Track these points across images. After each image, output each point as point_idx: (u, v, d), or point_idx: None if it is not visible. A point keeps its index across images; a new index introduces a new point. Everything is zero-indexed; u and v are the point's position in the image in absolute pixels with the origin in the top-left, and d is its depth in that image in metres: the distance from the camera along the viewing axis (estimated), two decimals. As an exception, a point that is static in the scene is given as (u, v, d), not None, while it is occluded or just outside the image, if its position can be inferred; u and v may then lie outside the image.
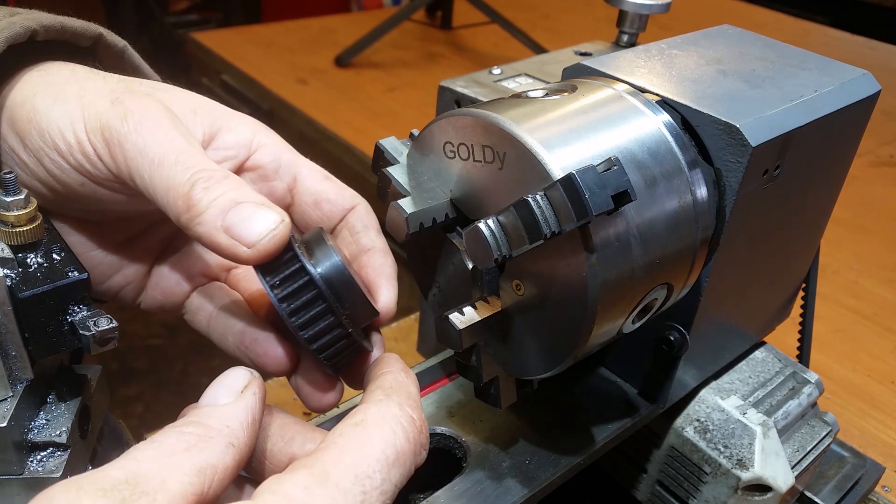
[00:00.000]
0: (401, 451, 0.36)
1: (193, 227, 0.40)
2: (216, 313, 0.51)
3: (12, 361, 0.39)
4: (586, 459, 0.55)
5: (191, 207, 0.39)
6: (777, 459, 0.60)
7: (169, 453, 0.32)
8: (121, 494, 0.29)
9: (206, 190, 0.40)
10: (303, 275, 0.40)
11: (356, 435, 0.35)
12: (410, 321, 1.05)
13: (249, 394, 0.36)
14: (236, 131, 0.47)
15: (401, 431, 0.36)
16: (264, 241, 0.39)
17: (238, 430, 0.34)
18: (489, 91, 0.69)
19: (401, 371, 0.42)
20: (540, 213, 0.38)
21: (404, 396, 0.39)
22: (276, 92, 1.73)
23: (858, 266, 1.24)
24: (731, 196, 0.49)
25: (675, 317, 0.55)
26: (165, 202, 0.40)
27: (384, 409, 0.37)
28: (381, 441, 0.35)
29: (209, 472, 0.32)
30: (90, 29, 0.49)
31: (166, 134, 0.41)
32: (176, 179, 0.40)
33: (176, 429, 0.33)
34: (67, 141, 0.42)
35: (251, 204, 0.40)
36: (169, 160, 0.40)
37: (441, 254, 0.50)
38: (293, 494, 0.31)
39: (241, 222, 0.39)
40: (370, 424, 0.36)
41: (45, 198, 0.46)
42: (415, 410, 0.38)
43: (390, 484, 0.35)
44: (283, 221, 0.40)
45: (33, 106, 0.43)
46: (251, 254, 0.39)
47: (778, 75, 0.55)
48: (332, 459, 0.34)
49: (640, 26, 0.76)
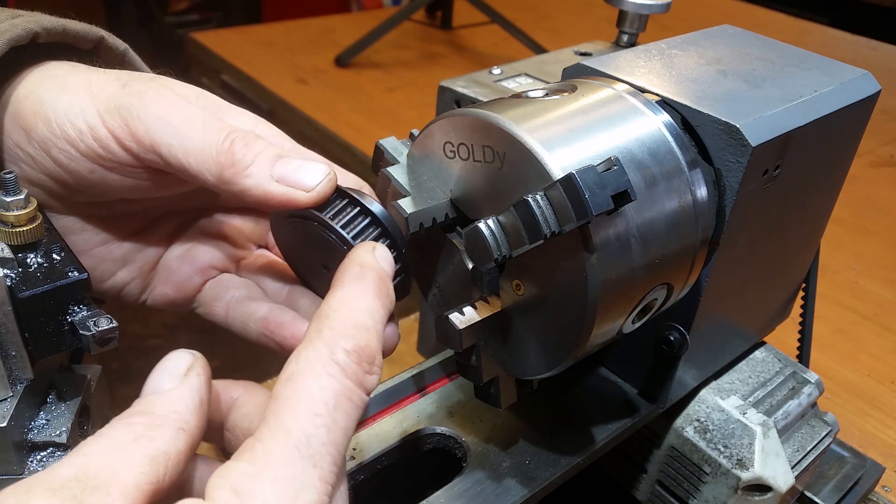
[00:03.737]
0: (341, 391, 0.34)
1: (240, 181, 0.41)
2: (235, 303, 0.51)
3: (12, 361, 0.39)
4: (586, 459, 0.55)
5: (235, 162, 0.41)
6: (777, 459, 0.60)
7: (117, 445, 0.31)
8: (71, 492, 0.28)
9: (247, 146, 0.42)
10: (366, 215, 0.43)
11: (289, 394, 0.33)
12: (410, 321, 1.05)
13: (193, 375, 0.35)
14: (239, 120, 0.47)
15: (335, 371, 0.34)
16: (323, 184, 0.42)
17: (186, 413, 0.33)
18: (489, 91, 0.69)
19: (349, 282, 0.38)
20: (540, 213, 0.38)
21: (339, 325, 0.36)
22: (276, 92, 1.73)
23: (858, 266, 1.24)
24: (731, 196, 0.49)
25: (675, 317, 0.55)
26: (200, 162, 0.42)
27: (313, 352, 0.35)
28: (319, 390, 0.33)
29: (161, 460, 0.31)
30: (91, 32, 0.49)
31: (184, 106, 0.43)
32: (212, 139, 0.42)
33: (122, 420, 0.32)
34: (78, 128, 0.43)
35: (295, 158, 0.42)
36: (197, 125, 0.42)
37: (441, 254, 0.50)
38: (240, 487, 0.30)
39: (294, 171, 0.42)
40: (301, 376, 0.34)
41: (51, 190, 0.46)
42: (350, 338, 0.35)
43: (339, 431, 0.33)
44: (332, 170, 0.43)
45: (38, 98, 0.44)
46: (310, 196, 0.42)
47: (778, 75, 0.55)
48: (270, 433, 0.32)
49: (640, 26, 0.76)
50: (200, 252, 0.53)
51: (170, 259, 0.53)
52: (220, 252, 0.54)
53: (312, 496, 0.31)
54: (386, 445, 0.55)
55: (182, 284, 0.53)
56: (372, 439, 0.56)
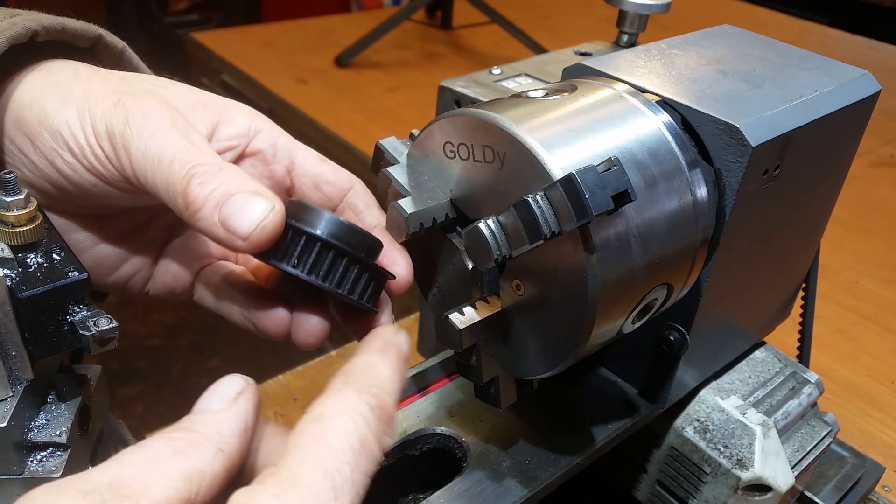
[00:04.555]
0: (364, 439, 0.34)
1: (195, 224, 0.41)
2: (223, 287, 0.52)
3: (12, 361, 0.39)
4: (586, 459, 0.55)
5: (189, 204, 0.40)
6: (777, 459, 0.60)
7: (155, 458, 0.31)
8: (101, 497, 0.28)
9: (202, 185, 0.40)
10: (315, 242, 0.42)
11: (316, 431, 0.34)
12: (410, 321, 1.05)
13: (242, 400, 0.36)
14: (234, 122, 0.48)
15: (360, 420, 0.35)
16: (256, 233, 0.40)
17: (229, 436, 0.34)
18: (489, 91, 0.69)
19: (374, 351, 0.40)
20: (540, 213, 0.38)
21: (364, 382, 0.37)
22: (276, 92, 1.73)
23: (858, 266, 1.24)
24: (731, 196, 0.49)
25: (675, 317, 0.55)
26: (167, 199, 0.42)
27: (342, 398, 0.36)
28: (344, 432, 0.34)
29: (196, 478, 0.31)
30: (90, 30, 0.50)
31: (166, 134, 0.42)
32: (174, 177, 0.41)
33: (165, 434, 0.33)
34: (80, 143, 0.43)
35: (244, 194, 0.40)
36: (167, 159, 0.41)
37: (441, 254, 0.50)
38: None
39: (234, 215, 0.40)
40: (328, 417, 0.35)
41: (53, 197, 0.46)
42: (374, 397, 0.37)
43: (360, 474, 0.34)
44: (273, 209, 0.40)
45: (42, 108, 0.44)
46: (247, 245, 0.40)
47: (778, 75, 0.55)
48: (297, 462, 0.33)
49: (640, 26, 0.76)
50: (199, 242, 0.54)
51: (169, 250, 0.54)
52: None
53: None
54: (386, 445, 0.55)
55: (180, 273, 0.54)
56: (372, 439, 0.56)
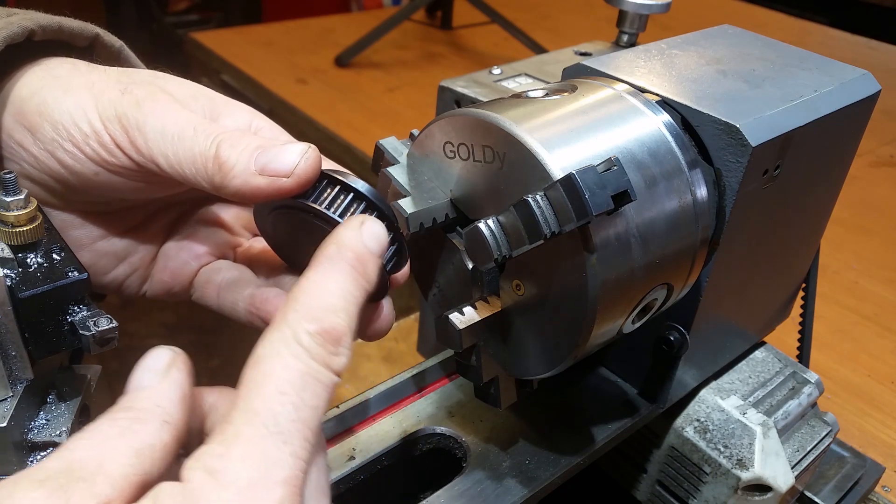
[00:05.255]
0: (307, 371, 0.34)
1: (229, 183, 0.42)
2: (225, 284, 0.52)
3: (12, 361, 0.39)
4: (586, 459, 0.55)
5: (222, 165, 0.42)
6: (777, 459, 0.60)
7: (103, 439, 0.31)
8: (56, 482, 0.29)
9: (232, 146, 0.42)
10: (349, 192, 0.42)
11: (255, 378, 0.34)
12: (410, 321, 1.05)
13: (174, 370, 0.35)
14: (235, 116, 0.48)
15: (300, 351, 0.34)
16: (301, 165, 0.41)
17: (169, 407, 0.34)
18: (489, 91, 0.69)
19: (320, 264, 0.37)
20: (540, 213, 0.38)
21: (302, 308, 0.35)
22: (276, 92, 1.73)
23: (858, 266, 1.24)
24: (731, 196, 0.49)
25: (675, 317, 0.55)
26: (195, 171, 0.42)
27: (277, 334, 0.35)
28: (283, 370, 0.33)
29: (148, 453, 0.31)
30: (87, 29, 0.50)
31: (178, 112, 0.44)
32: (200, 146, 0.42)
33: (107, 416, 0.33)
34: (83, 131, 0.43)
35: (276, 145, 0.42)
36: (188, 133, 0.42)
37: (441, 254, 0.50)
38: (212, 466, 0.31)
39: (273, 160, 0.41)
40: (265, 359, 0.34)
41: (54, 191, 0.46)
42: (314, 321, 0.34)
43: (308, 409, 0.33)
44: (311, 147, 0.42)
45: (42, 99, 0.44)
46: (292, 182, 0.41)
47: (778, 75, 0.55)
48: (240, 415, 0.32)
49: (640, 26, 0.76)
50: (197, 240, 0.54)
51: (168, 249, 0.54)
52: (217, 240, 0.55)
53: (285, 471, 0.31)
54: (386, 445, 0.55)
55: (178, 272, 0.54)
56: (372, 439, 0.56)
